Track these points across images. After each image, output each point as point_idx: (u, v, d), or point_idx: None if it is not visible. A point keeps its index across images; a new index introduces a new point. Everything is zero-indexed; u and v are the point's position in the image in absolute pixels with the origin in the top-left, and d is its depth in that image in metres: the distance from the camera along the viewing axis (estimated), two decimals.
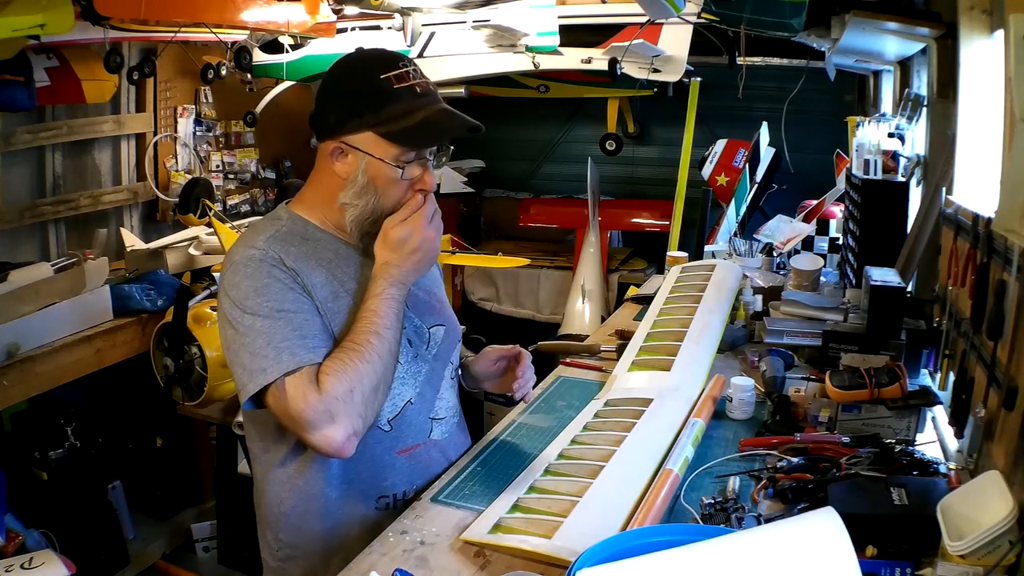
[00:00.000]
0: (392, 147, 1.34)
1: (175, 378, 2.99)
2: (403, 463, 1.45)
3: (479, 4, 3.70)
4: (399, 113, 1.33)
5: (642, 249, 5.21)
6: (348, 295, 1.39)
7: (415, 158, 1.36)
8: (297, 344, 1.26)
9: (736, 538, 1.01)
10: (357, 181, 1.36)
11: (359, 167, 1.36)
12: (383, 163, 1.34)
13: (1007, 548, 1.04)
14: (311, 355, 1.27)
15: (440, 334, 1.53)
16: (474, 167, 5.67)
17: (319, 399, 1.23)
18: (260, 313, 1.27)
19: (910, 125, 2.75)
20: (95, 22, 3.09)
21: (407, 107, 1.33)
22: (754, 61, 4.43)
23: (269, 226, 1.41)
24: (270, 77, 4.29)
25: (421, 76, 1.37)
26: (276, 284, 1.30)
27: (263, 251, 1.33)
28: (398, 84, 1.33)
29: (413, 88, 1.34)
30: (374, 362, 1.29)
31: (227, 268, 1.35)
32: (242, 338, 1.27)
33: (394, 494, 1.45)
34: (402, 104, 1.33)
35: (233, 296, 1.30)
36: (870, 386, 1.60)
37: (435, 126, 1.35)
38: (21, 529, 2.66)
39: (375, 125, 1.33)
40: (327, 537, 1.43)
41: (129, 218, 4.08)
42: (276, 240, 1.36)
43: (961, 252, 1.69)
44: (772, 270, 3.01)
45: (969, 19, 1.85)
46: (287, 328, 1.27)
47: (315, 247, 1.40)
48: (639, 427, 1.62)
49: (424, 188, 1.39)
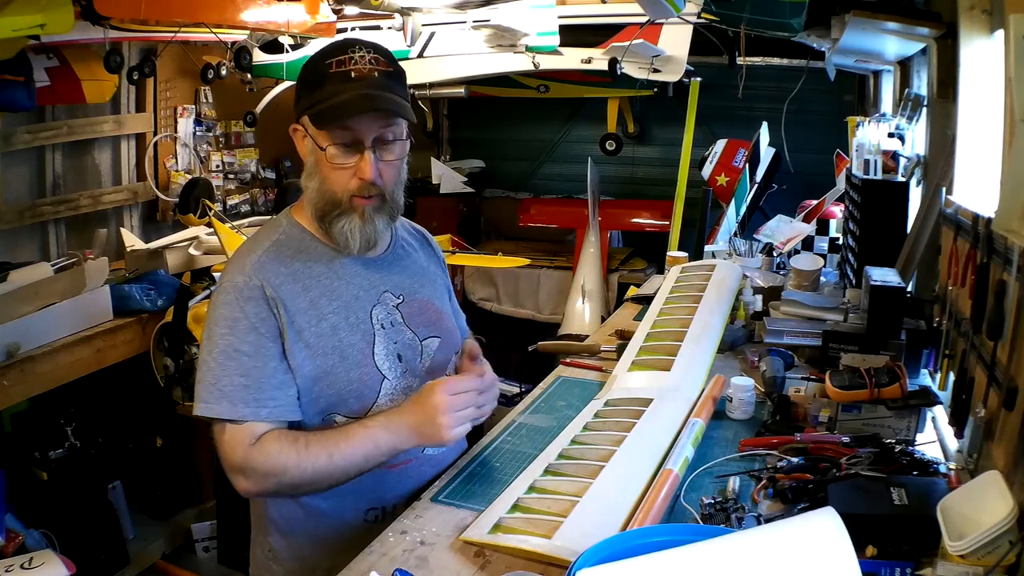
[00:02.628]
0: (321, 130, 1.36)
1: (175, 378, 3.00)
2: (394, 477, 1.45)
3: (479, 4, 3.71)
4: (325, 96, 1.35)
5: (642, 249, 5.21)
6: (334, 315, 1.41)
7: (346, 142, 1.36)
8: (239, 395, 1.32)
9: (736, 538, 1.01)
10: (308, 162, 1.42)
11: (309, 148, 1.41)
12: (317, 145, 1.38)
13: (1007, 548, 1.04)
14: (248, 411, 1.32)
15: (434, 346, 1.53)
16: (474, 167, 5.67)
17: (243, 458, 1.31)
18: (218, 346, 1.34)
19: (910, 125, 2.75)
20: (95, 22, 3.09)
21: (334, 90, 1.35)
22: (754, 61, 4.44)
23: (268, 235, 1.45)
24: (270, 77, 4.29)
25: (369, 62, 1.36)
26: (244, 321, 1.34)
27: (247, 279, 1.37)
28: (336, 69, 1.36)
29: (347, 73, 1.35)
30: (306, 472, 1.32)
31: (218, 283, 1.42)
32: (203, 357, 1.36)
33: (383, 507, 1.46)
34: (331, 87, 1.35)
35: (210, 316, 1.38)
36: (870, 386, 1.60)
37: (341, 106, 1.33)
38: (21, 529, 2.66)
39: (308, 108, 1.38)
40: (314, 544, 1.44)
41: (129, 218, 4.08)
42: (269, 257, 1.40)
43: (961, 252, 1.69)
44: (772, 270, 3.01)
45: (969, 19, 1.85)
46: (235, 374, 1.33)
47: (307, 262, 1.42)
48: (639, 427, 1.62)
49: (361, 176, 1.37)
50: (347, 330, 1.41)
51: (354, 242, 1.42)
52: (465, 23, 3.94)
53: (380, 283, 1.48)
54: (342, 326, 1.41)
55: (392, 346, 1.46)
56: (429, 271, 1.63)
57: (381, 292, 1.48)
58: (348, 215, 1.40)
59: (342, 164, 1.37)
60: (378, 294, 1.47)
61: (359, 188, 1.38)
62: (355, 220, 1.40)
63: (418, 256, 1.62)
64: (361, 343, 1.42)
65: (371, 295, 1.46)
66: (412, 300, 1.52)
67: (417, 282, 1.56)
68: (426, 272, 1.61)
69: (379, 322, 1.45)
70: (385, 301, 1.48)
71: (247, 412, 1.32)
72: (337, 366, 1.39)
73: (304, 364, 1.37)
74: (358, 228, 1.41)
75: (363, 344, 1.42)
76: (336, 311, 1.41)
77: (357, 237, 1.41)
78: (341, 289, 1.43)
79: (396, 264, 1.54)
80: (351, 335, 1.41)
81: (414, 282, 1.55)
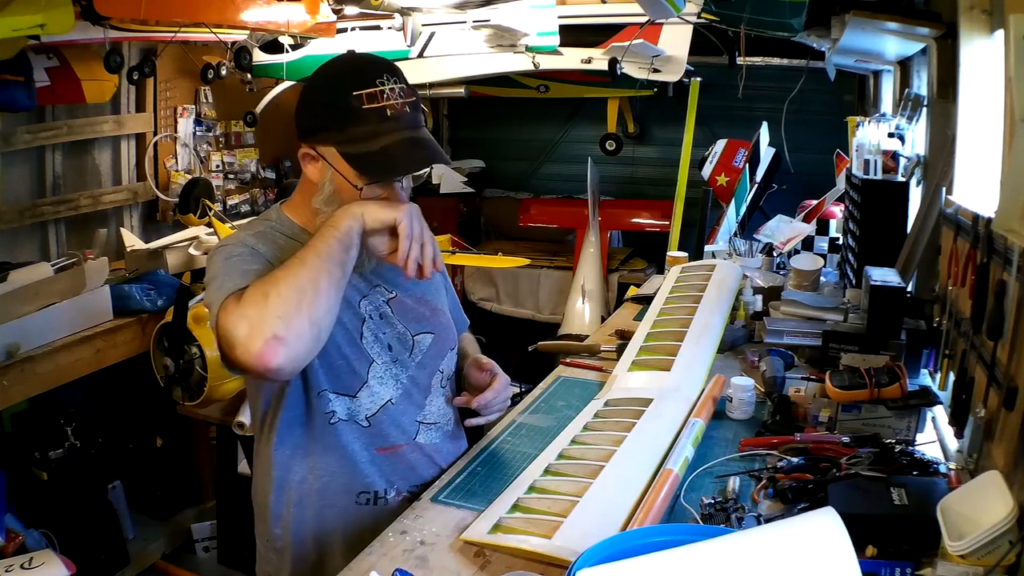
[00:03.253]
0: (363, 175, 1.33)
1: (175, 378, 2.99)
2: (383, 461, 1.46)
3: (479, 4, 3.70)
4: (362, 136, 1.31)
5: (642, 249, 5.21)
6: None
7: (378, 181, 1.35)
8: (239, 279, 1.26)
9: (736, 538, 1.01)
10: (324, 189, 1.38)
11: (326, 176, 1.37)
12: (345, 179, 1.34)
13: (1007, 548, 1.04)
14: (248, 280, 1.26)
15: (426, 342, 1.52)
16: (474, 167, 5.67)
17: (236, 307, 1.21)
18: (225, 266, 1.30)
19: (910, 125, 2.75)
20: (95, 22, 3.09)
21: (371, 130, 1.31)
22: (754, 61, 4.44)
23: (257, 225, 1.45)
24: (270, 77, 4.29)
25: (398, 95, 1.33)
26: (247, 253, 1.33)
27: (243, 241, 1.36)
28: (368, 104, 1.31)
29: (383, 111, 1.31)
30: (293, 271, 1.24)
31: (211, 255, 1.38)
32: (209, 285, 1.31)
33: (375, 491, 1.46)
34: (367, 127, 1.31)
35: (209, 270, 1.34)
36: (870, 386, 1.60)
37: (392, 159, 1.31)
38: (21, 529, 2.66)
39: (338, 143, 1.33)
40: (309, 529, 1.46)
41: (129, 218, 4.08)
42: (259, 236, 1.39)
43: (961, 252, 1.69)
44: (772, 270, 3.01)
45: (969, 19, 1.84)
46: (236, 271, 1.29)
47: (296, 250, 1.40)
48: (639, 427, 1.62)
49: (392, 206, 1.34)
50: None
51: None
52: (465, 23, 3.94)
53: (373, 277, 1.48)
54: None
55: (381, 336, 1.45)
56: None
57: (373, 286, 1.48)
58: None
59: (372, 197, 1.35)
60: (369, 287, 1.47)
61: None
62: None
63: None
64: (351, 323, 1.41)
65: (362, 286, 1.46)
66: (405, 296, 1.51)
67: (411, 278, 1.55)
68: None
69: (367, 312, 1.45)
70: (376, 294, 1.47)
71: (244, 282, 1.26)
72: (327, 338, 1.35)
73: None
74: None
75: (353, 322, 1.42)
76: None
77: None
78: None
79: None
80: (341, 313, 1.36)
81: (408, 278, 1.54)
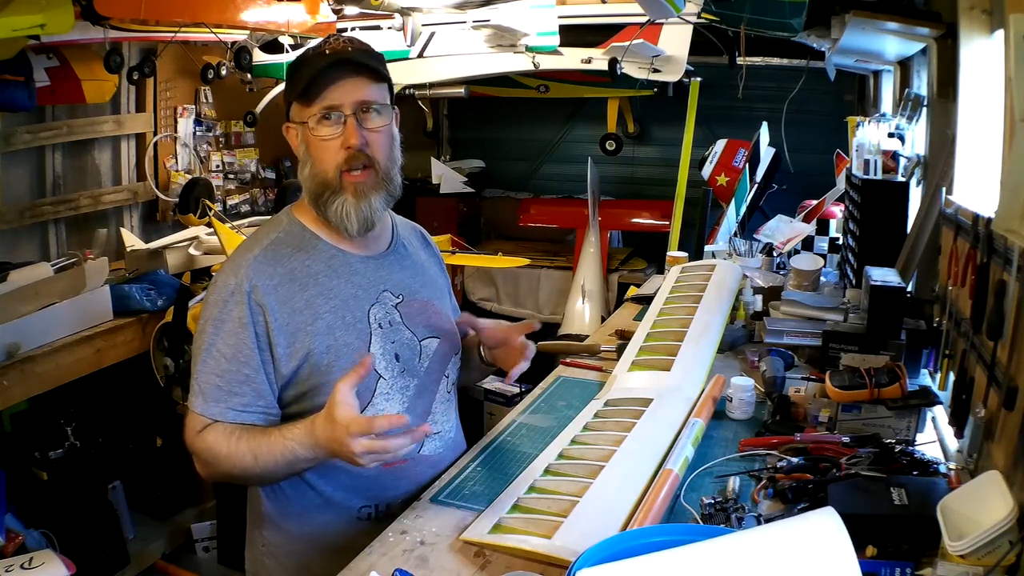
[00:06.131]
0: (301, 108, 1.39)
1: (175, 378, 2.99)
2: (387, 477, 1.45)
3: (479, 4, 3.70)
4: (303, 76, 1.38)
5: (642, 249, 5.21)
6: (330, 314, 1.41)
7: (327, 114, 1.37)
8: (211, 393, 1.36)
9: (736, 538, 1.01)
10: (300, 153, 1.43)
11: (299, 139, 1.43)
12: (302, 125, 1.40)
13: (1007, 548, 1.04)
14: (216, 409, 1.36)
15: (432, 347, 1.52)
16: (474, 167, 5.66)
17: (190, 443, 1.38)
18: (204, 343, 1.38)
19: (910, 125, 2.75)
20: (95, 22, 3.09)
21: (311, 69, 1.38)
22: (754, 61, 4.44)
23: (268, 233, 1.45)
24: (270, 77, 4.28)
25: (345, 42, 1.40)
26: (228, 324, 1.36)
27: (239, 281, 1.37)
28: (313, 52, 1.41)
29: (323, 52, 1.39)
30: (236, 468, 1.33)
31: (214, 279, 1.44)
32: (193, 348, 1.43)
33: (376, 504, 1.46)
34: (308, 69, 1.38)
35: (202, 311, 1.42)
36: (870, 386, 1.60)
37: (316, 76, 1.36)
38: (21, 529, 2.65)
39: (290, 94, 1.42)
40: (307, 540, 1.45)
41: (129, 218, 4.07)
42: (266, 256, 1.40)
43: (961, 252, 1.69)
44: (772, 270, 3.00)
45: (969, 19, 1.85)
46: (212, 372, 1.36)
47: (305, 260, 1.42)
48: (639, 427, 1.62)
49: (347, 144, 1.37)
50: (343, 330, 1.41)
51: (351, 223, 1.41)
52: (465, 23, 3.94)
53: (380, 282, 1.48)
54: (338, 325, 1.41)
55: (389, 346, 1.45)
56: (429, 271, 1.62)
57: (380, 291, 1.48)
58: (340, 195, 1.39)
59: (327, 137, 1.38)
60: (377, 293, 1.47)
61: (347, 159, 1.38)
62: (348, 199, 1.39)
63: (419, 255, 1.62)
64: (356, 342, 1.42)
65: (370, 294, 1.46)
66: (412, 300, 1.51)
67: (417, 282, 1.56)
68: (426, 272, 1.61)
69: (377, 322, 1.45)
70: (384, 300, 1.47)
71: (215, 411, 1.36)
72: (332, 365, 1.39)
73: (299, 364, 1.37)
74: (352, 207, 1.40)
75: (359, 344, 1.42)
76: (332, 310, 1.41)
77: (353, 217, 1.40)
78: (339, 288, 1.43)
79: (396, 263, 1.54)
80: (346, 335, 1.41)
81: (414, 282, 1.55)
